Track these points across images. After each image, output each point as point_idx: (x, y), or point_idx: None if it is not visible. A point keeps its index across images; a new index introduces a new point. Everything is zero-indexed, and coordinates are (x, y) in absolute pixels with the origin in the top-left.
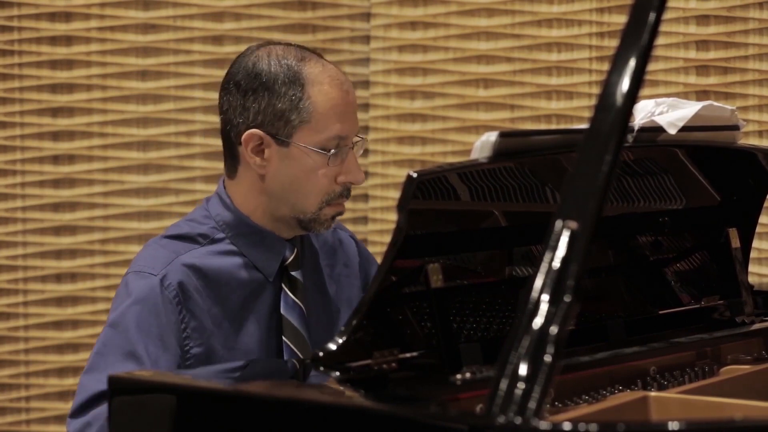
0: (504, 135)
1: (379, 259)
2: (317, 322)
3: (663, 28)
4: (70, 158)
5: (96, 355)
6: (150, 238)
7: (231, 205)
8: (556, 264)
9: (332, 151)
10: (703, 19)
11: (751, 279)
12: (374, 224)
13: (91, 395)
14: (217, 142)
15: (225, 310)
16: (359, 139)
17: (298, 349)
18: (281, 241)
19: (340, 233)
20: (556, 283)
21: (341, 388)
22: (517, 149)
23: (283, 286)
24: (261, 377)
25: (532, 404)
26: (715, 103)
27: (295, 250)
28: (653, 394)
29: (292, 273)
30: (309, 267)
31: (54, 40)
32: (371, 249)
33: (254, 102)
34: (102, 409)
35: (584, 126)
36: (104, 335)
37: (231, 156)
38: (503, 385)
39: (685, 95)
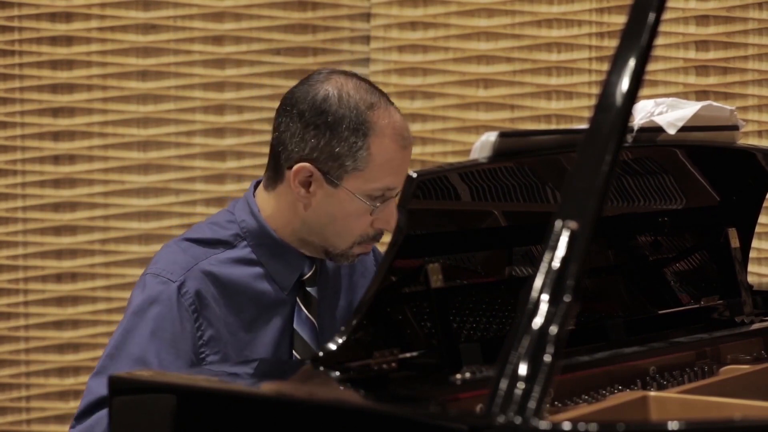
0: (504, 135)
1: None
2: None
3: (663, 28)
4: (71, 158)
5: (106, 358)
6: (150, 238)
7: (258, 215)
8: (556, 264)
9: (378, 204)
10: (702, 19)
11: (750, 279)
12: None
13: (96, 398)
14: (217, 142)
15: (240, 320)
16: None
17: None
18: (301, 257)
19: None
20: (556, 283)
21: (341, 388)
22: (517, 149)
23: (298, 300)
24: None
25: (531, 404)
26: (715, 103)
27: (314, 266)
28: (653, 393)
29: (308, 289)
30: (329, 280)
31: (54, 41)
32: None
33: (314, 137)
34: (105, 413)
35: (584, 126)
36: (117, 338)
37: (275, 172)
38: (503, 385)
39: (684, 95)
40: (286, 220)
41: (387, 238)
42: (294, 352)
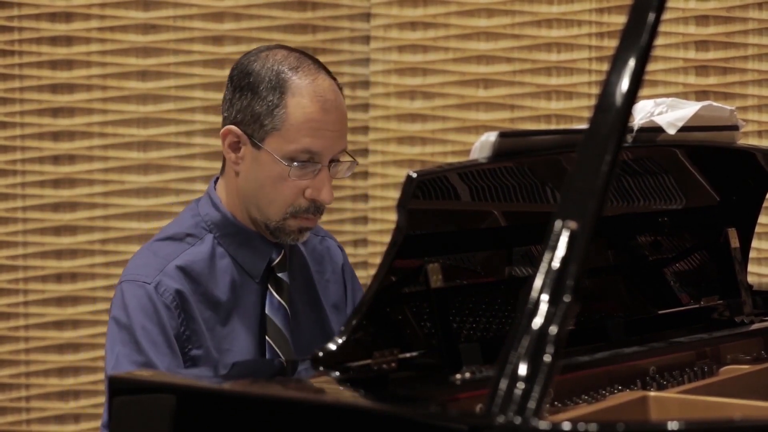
0: (504, 135)
1: (377, 260)
2: (305, 323)
3: (663, 28)
4: (71, 158)
5: (113, 371)
6: (150, 238)
7: (219, 205)
8: (556, 264)
9: (295, 163)
10: (702, 19)
11: (750, 279)
12: (374, 224)
13: None
14: (217, 142)
15: (216, 315)
16: (349, 161)
17: (280, 350)
18: (268, 243)
19: (329, 241)
20: (556, 283)
21: (341, 388)
22: (516, 149)
23: (269, 286)
24: (245, 376)
25: (531, 404)
26: (715, 103)
27: (282, 251)
28: (653, 394)
29: (279, 275)
30: (297, 269)
31: (54, 41)
32: (371, 249)
33: (239, 99)
34: None
35: (584, 126)
36: (116, 353)
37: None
38: (503, 385)
39: (684, 95)
40: (235, 201)
41: (386, 238)
42: (267, 338)
